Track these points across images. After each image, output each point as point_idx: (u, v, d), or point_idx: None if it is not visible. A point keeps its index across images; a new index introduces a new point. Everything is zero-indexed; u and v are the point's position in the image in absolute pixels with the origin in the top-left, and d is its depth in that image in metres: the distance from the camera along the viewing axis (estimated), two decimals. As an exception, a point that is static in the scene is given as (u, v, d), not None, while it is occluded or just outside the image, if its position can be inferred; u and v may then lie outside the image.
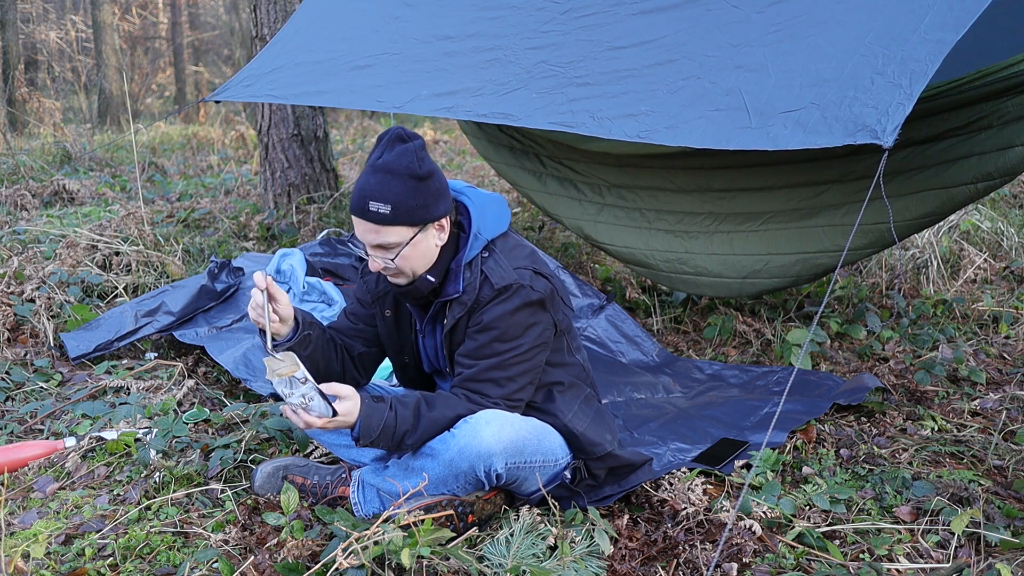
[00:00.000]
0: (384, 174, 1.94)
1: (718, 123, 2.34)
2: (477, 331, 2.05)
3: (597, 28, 2.86)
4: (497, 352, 2.04)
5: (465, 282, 2.05)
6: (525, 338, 2.05)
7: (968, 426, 2.82)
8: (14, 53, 11.90)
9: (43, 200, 5.94)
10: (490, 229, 2.10)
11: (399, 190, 1.93)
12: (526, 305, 2.04)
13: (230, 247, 4.94)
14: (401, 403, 1.98)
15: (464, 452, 1.97)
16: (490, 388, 2.05)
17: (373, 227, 1.96)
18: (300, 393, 1.85)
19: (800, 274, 3.49)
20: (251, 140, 8.96)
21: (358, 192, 1.97)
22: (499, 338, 2.03)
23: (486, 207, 2.12)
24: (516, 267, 2.06)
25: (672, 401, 3.13)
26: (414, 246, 1.99)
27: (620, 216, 3.94)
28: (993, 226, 4.90)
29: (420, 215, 1.97)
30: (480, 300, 2.04)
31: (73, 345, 3.36)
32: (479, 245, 2.08)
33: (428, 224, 2.00)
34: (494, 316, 2.02)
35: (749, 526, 2.14)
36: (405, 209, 1.94)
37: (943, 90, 2.97)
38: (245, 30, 15.61)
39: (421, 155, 1.96)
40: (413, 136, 1.97)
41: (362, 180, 1.97)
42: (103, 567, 1.99)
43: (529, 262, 2.10)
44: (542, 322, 2.08)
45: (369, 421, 1.91)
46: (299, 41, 3.81)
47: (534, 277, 2.07)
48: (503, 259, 2.07)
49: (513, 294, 2.02)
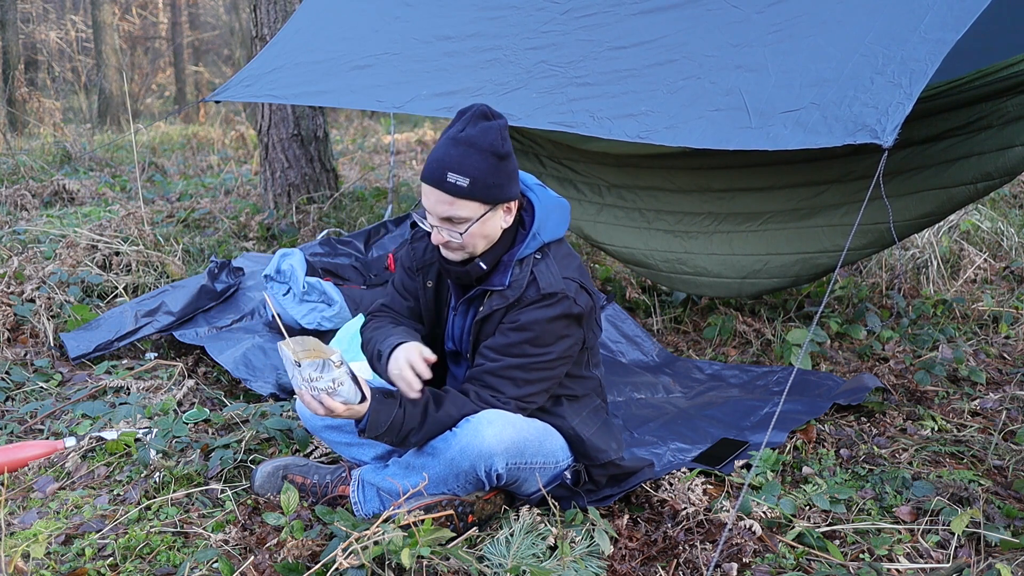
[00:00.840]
0: (466, 147, 1.93)
1: (718, 123, 2.34)
2: (511, 329, 2.04)
3: (597, 28, 2.86)
4: (525, 354, 2.03)
5: (513, 277, 2.05)
6: (555, 348, 2.04)
7: (968, 426, 2.82)
8: (14, 53, 11.90)
9: (43, 200, 5.94)
10: (549, 232, 2.10)
11: (480, 165, 1.92)
12: (565, 316, 2.03)
13: (230, 247, 4.94)
14: (410, 400, 1.97)
15: (465, 451, 1.97)
16: (507, 386, 2.04)
17: (448, 199, 1.95)
18: (331, 377, 1.80)
19: (800, 274, 3.49)
20: (251, 140, 8.96)
21: (436, 162, 1.95)
22: (531, 341, 2.02)
23: (551, 209, 2.12)
24: (565, 276, 2.05)
25: (672, 401, 3.13)
26: (482, 223, 1.98)
27: (620, 216, 3.94)
28: (993, 226, 4.90)
29: (495, 194, 1.96)
30: (523, 299, 2.03)
31: (73, 345, 3.36)
32: (535, 245, 2.07)
33: (499, 204, 1.99)
34: (532, 319, 2.01)
35: (749, 526, 2.14)
36: (483, 185, 1.93)
37: (943, 90, 2.97)
38: (245, 30, 15.61)
39: (504, 134, 1.96)
40: (498, 115, 1.98)
41: (441, 151, 1.95)
42: (103, 567, 1.99)
43: (578, 274, 2.10)
44: (574, 336, 2.08)
45: (378, 416, 1.91)
46: (299, 41, 3.81)
47: (579, 291, 2.06)
48: (555, 265, 2.07)
49: (556, 302, 2.01)
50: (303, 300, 3.45)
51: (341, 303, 3.45)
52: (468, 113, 1.97)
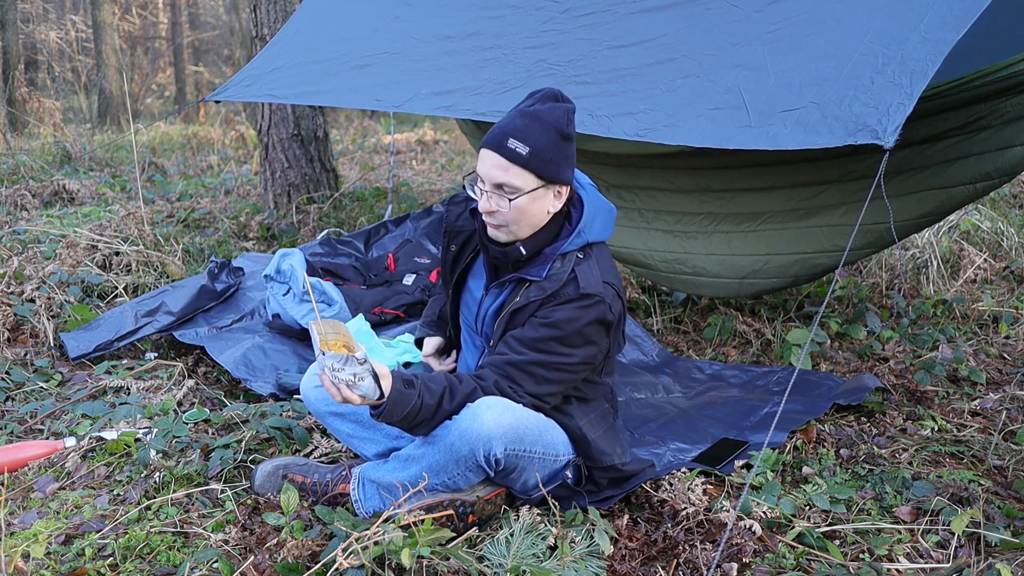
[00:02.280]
0: (532, 120, 1.95)
1: (718, 122, 2.34)
2: (542, 324, 2.03)
3: (596, 27, 2.86)
4: (551, 351, 2.02)
5: (552, 271, 2.05)
6: (580, 351, 2.04)
7: (968, 426, 2.82)
8: (14, 53, 11.89)
9: (43, 200, 5.94)
10: (595, 233, 2.11)
11: (542, 138, 1.94)
12: (598, 322, 2.03)
13: (230, 247, 4.94)
14: (428, 391, 1.95)
15: (465, 435, 1.96)
16: (527, 382, 2.03)
17: (504, 163, 1.96)
18: (352, 372, 1.81)
19: (799, 274, 3.49)
20: (251, 140, 8.96)
21: (499, 128, 1.97)
22: (559, 339, 2.02)
23: (599, 210, 2.14)
24: (606, 281, 2.06)
25: (672, 401, 3.13)
26: (531, 199, 1.99)
27: (619, 216, 3.93)
28: (993, 226, 4.90)
29: (551, 171, 1.98)
30: (560, 294, 2.03)
31: (73, 345, 3.36)
32: (579, 243, 2.08)
33: (552, 184, 2.00)
34: (565, 317, 2.01)
35: (749, 526, 2.14)
36: (541, 158, 1.95)
37: (942, 90, 2.97)
38: (245, 30, 15.61)
39: (571, 117, 1.98)
40: (568, 99, 2.00)
41: (506, 120, 1.98)
42: (103, 567, 1.99)
43: (617, 281, 2.10)
44: (600, 344, 2.08)
45: (395, 406, 1.90)
46: (299, 41, 3.81)
47: (615, 298, 2.07)
48: (596, 267, 2.07)
49: (592, 305, 2.02)
50: (303, 300, 3.45)
51: (341, 303, 3.45)
52: (540, 93, 2.00)
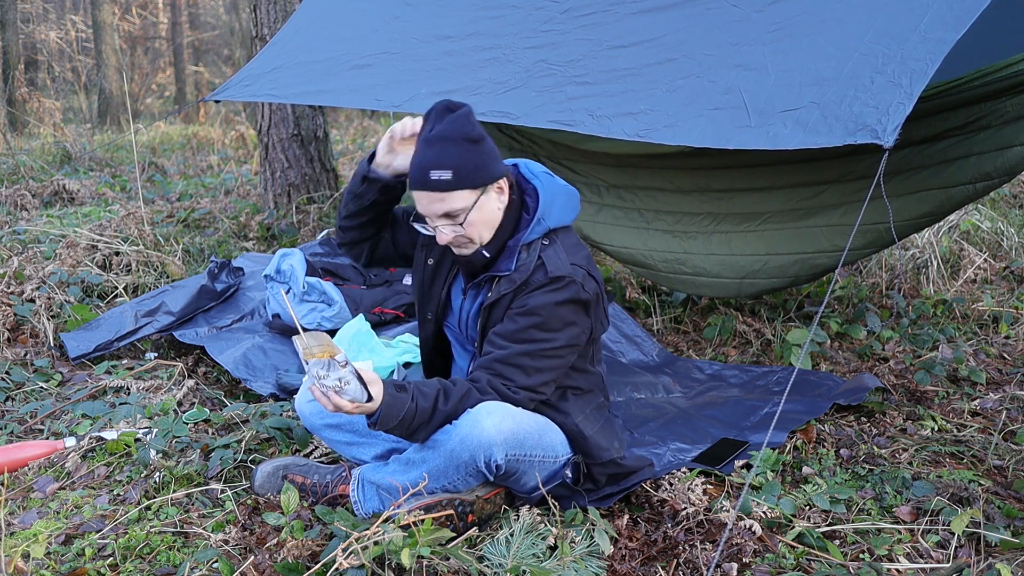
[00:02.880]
0: (439, 142, 1.96)
1: (718, 122, 2.33)
2: (519, 313, 2.04)
3: (596, 27, 2.85)
4: (533, 339, 2.03)
5: (520, 262, 2.06)
6: (562, 334, 2.05)
7: (968, 426, 2.82)
8: (14, 53, 11.89)
9: (43, 200, 5.94)
10: (555, 218, 2.11)
11: (457, 154, 1.95)
12: (573, 302, 2.04)
13: (230, 247, 4.94)
14: (422, 394, 1.96)
15: (465, 442, 1.96)
16: (518, 375, 2.04)
17: (438, 196, 1.98)
18: (337, 376, 1.82)
19: (799, 274, 3.49)
20: (251, 140, 8.96)
21: (417, 167, 1.98)
22: (539, 326, 2.03)
23: (556, 196, 2.13)
24: (573, 263, 2.07)
25: (672, 401, 3.13)
26: (479, 209, 2.01)
27: (618, 216, 3.94)
28: (993, 226, 4.89)
29: (480, 177, 1.99)
30: (530, 283, 2.04)
31: (73, 345, 3.36)
32: (540, 230, 2.08)
33: (488, 186, 2.01)
34: (540, 303, 2.02)
35: (749, 526, 2.14)
36: (466, 172, 1.96)
37: (942, 90, 2.96)
38: (245, 30, 15.60)
39: (472, 120, 1.99)
40: (460, 105, 2.00)
41: (419, 155, 1.99)
42: (103, 567, 1.99)
43: (586, 262, 2.11)
44: (581, 324, 2.08)
45: (390, 411, 1.91)
46: (299, 41, 3.80)
47: (587, 277, 2.07)
48: (562, 251, 2.08)
49: (564, 287, 2.03)
50: (303, 300, 3.45)
51: (341, 303, 3.45)
52: (433, 112, 2.00)
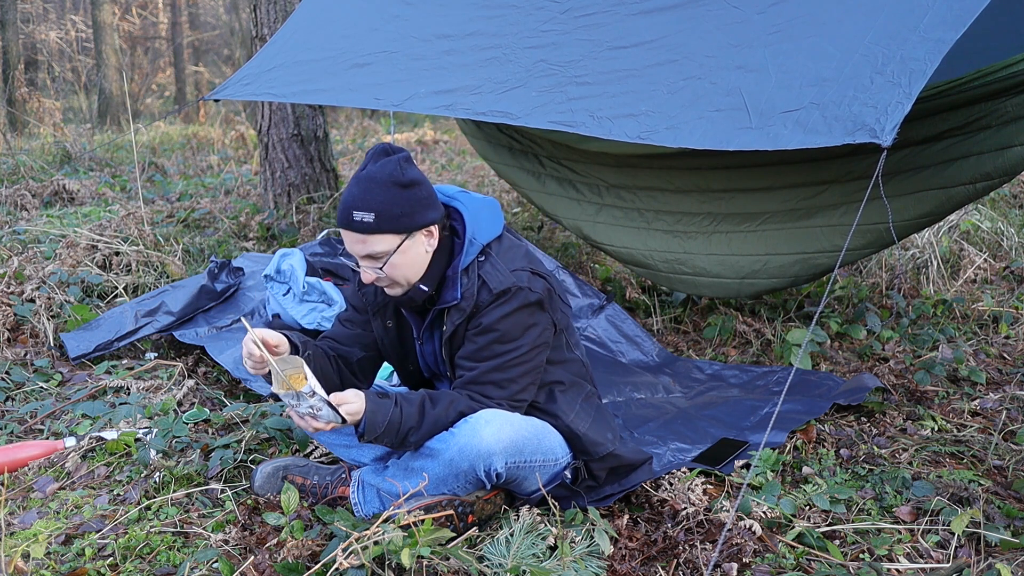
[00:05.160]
0: (367, 183, 1.96)
1: (718, 123, 2.34)
2: (476, 334, 2.05)
3: (597, 28, 2.85)
4: (497, 354, 2.04)
5: (463, 288, 2.06)
6: (525, 339, 2.06)
7: (968, 426, 2.82)
8: (14, 53, 11.89)
9: (43, 200, 5.94)
10: (485, 233, 2.11)
11: (382, 198, 1.95)
12: (525, 306, 2.04)
13: (230, 247, 4.94)
14: (406, 400, 1.99)
15: (464, 451, 1.97)
16: (492, 390, 2.06)
17: (359, 237, 1.98)
18: (308, 405, 1.87)
19: (798, 274, 3.49)
20: (251, 140, 8.96)
21: (342, 204, 1.99)
22: (499, 340, 2.04)
23: (480, 211, 2.13)
24: (513, 269, 2.07)
25: (672, 401, 3.13)
26: (402, 254, 2.00)
27: (619, 216, 3.94)
28: (993, 226, 4.90)
29: (405, 223, 1.98)
30: (479, 305, 2.04)
31: (73, 345, 3.36)
32: (474, 251, 2.08)
33: (414, 231, 2.00)
34: (493, 319, 2.03)
35: (749, 526, 2.14)
36: (388, 216, 1.96)
37: (942, 90, 2.97)
38: (245, 30, 15.60)
39: (404, 165, 1.98)
40: (398, 150, 2.01)
41: (346, 192, 1.99)
42: (103, 567, 1.99)
43: (525, 262, 2.10)
44: (541, 323, 2.09)
45: (374, 417, 1.92)
46: (298, 40, 3.80)
47: (532, 278, 2.07)
48: (499, 262, 2.07)
49: (512, 296, 2.03)
50: (303, 300, 3.45)
51: (341, 303, 3.44)
52: (371, 153, 2.01)
